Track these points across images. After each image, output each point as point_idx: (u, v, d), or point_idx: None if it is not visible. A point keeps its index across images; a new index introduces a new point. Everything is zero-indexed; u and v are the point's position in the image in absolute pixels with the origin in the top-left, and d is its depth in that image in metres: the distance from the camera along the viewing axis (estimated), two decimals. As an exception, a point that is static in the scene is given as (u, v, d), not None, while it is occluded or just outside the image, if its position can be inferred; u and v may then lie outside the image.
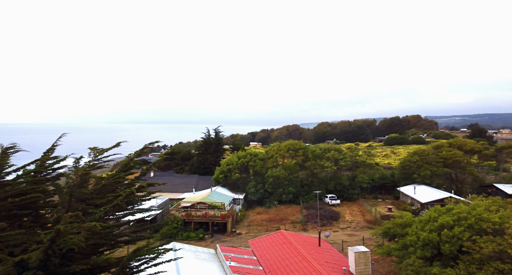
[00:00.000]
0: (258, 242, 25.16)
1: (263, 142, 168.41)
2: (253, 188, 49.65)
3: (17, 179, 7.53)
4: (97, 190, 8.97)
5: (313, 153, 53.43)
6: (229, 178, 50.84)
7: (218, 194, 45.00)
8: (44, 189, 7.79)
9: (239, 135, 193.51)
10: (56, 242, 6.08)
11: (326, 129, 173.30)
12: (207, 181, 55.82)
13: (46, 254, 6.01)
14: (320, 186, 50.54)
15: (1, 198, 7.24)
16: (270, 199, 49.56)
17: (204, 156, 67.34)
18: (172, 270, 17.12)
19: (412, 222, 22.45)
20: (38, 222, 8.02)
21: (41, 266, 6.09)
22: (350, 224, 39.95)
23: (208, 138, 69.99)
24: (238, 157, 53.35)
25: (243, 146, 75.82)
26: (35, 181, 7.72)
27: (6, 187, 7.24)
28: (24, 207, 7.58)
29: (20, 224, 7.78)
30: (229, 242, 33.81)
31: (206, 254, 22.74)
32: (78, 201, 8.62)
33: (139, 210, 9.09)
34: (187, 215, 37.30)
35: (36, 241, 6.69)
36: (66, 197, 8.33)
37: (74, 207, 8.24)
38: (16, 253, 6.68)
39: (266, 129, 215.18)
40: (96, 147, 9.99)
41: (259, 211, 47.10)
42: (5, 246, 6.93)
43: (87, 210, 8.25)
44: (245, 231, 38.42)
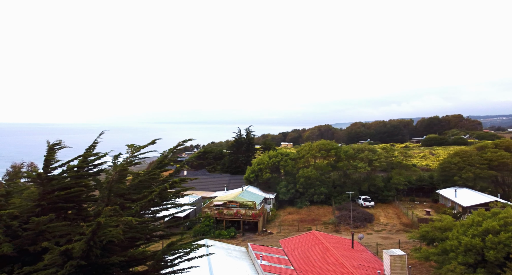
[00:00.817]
0: (289, 241, 25.00)
1: (294, 142, 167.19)
2: (284, 187, 49.42)
3: (62, 174, 8.02)
4: (134, 185, 9.34)
5: (345, 153, 52.21)
6: (260, 178, 50.99)
7: (249, 193, 45.30)
8: (86, 183, 8.24)
9: (270, 136, 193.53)
10: (97, 234, 6.37)
11: (359, 129, 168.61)
12: (238, 180, 56.40)
13: (88, 245, 6.31)
14: (353, 187, 49.27)
15: (49, 191, 7.73)
16: (301, 199, 49.08)
17: (236, 155, 68.09)
18: (205, 265, 17.47)
19: (453, 226, 21.24)
20: (81, 214, 8.48)
21: (84, 256, 6.40)
22: (385, 227, 38.59)
23: (239, 137, 70.69)
24: (269, 156, 53.35)
25: (274, 146, 75.75)
26: (78, 176, 8.18)
27: (53, 181, 7.72)
28: (69, 200, 8.04)
29: (65, 216, 8.25)
30: (260, 241, 33.92)
31: (238, 252, 22.96)
32: (116, 195, 9.03)
33: (173, 206, 9.34)
34: (219, 213, 37.91)
35: (79, 232, 7.06)
36: (106, 192, 8.75)
37: (113, 202, 8.63)
38: (61, 243, 7.08)
39: (298, 130, 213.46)
40: (133, 144, 10.41)
41: (290, 211, 46.82)
42: (52, 236, 7.38)
43: (124, 204, 8.61)
44: (276, 230, 38.35)
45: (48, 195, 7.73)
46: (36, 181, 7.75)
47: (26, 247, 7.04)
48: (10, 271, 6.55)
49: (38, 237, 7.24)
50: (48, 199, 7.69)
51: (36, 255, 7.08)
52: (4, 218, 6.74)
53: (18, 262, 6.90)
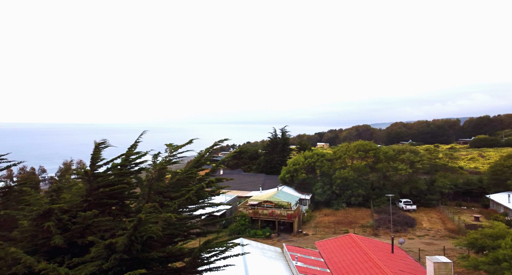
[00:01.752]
0: (325, 244, 24.51)
1: (331, 143, 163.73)
2: (320, 188, 48.58)
3: (106, 171, 8.47)
4: (172, 183, 9.64)
5: (385, 154, 50.21)
6: (296, 178, 50.54)
7: (285, 193, 45.06)
8: (128, 181, 8.62)
9: (306, 136, 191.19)
10: (138, 230, 6.62)
11: (400, 129, 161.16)
12: (273, 180, 56.32)
13: (130, 240, 6.57)
14: (393, 189, 47.23)
15: (95, 188, 8.19)
16: (338, 200, 47.94)
17: (271, 155, 68.09)
18: (240, 264, 17.63)
19: (506, 234, 19.63)
20: (123, 210, 8.89)
21: (126, 250, 6.67)
22: (428, 232, 36.56)
23: (274, 137, 70.61)
24: (305, 157, 52.73)
25: (309, 146, 74.76)
26: (121, 173, 8.59)
27: (98, 178, 8.18)
28: (112, 197, 8.47)
29: (109, 212, 8.69)
30: (295, 242, 33.61)
31: (273, 252, 22.92)
32: (156, 193, 9.37)
33: (209, 204, 9.51)
34: (254, 213, 38.11)
35: (122, 227, 7.39)
36: (146, 189, 9.12)
37: (153, 199, 8.97)
38: (106, 237, 7.43)
39: (334, 130, 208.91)
40: (172, 144, 10.75)
41: (326, 212, 45.93)
42: (98, 230, 7.79)
43: (163, 202, 8.90)
44: (312, 232, 37.80)
45: (94, 191, 8.20)
46: (84, 177, 8.26)
47: (75, 239, 7.51)
48: (61, 262, 7.01)
49: (85, 230, 7.70)
50: (94, 195, 8.15)
51: (84, 247, 7.53)
52: (56, 211, 7.24)
53: (68, 253, 7.37)
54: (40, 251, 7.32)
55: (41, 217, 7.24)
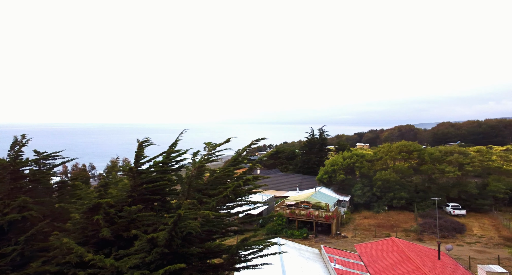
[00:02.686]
0: (365, 247, 23.70)
1: (371, 143, 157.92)
2: (360, 190, 47.08)
3: (149, 168, 8.85)
4: (211, 181, 9.85)
5: (431, 156, 47.45)
6: (334, 179, 49.44)
7: (322, 194, 44.27)
8: (169, 178, 8.95)
9: (345, 136, 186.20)
10: (178, 225, 6.83)
11: (447, 130, 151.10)
12: (310, 181, 55.58)
13: (170, 235, 6.79)
14: (439, 193, 44.46)
15: (138, 184, 8.60)
16: (379, 203, 46.14)
17: (308, 155, 67.23)
18: (277, 263, 17.58)
19: None
20: (165, 206, 9.24)
21: (167, 245, 6.90)
22: (480, 239, 33.98)
23: (312, 137, 69.64)
24: (343, 157, 51.41)
25: (348, 147, 72.74)
26: (162, 170, 8.94)
27: (142, 175, 8.57)
28: (155, 193, 8.83)
29: (152, 207, 9.07)
30: (333, 244, 32.88)
31: (310, 253, 22.60)
32: (195, 190, 9.63)
33: (246, 203, 9.58)
34: (291, 213, 37.86)
35: (163, 223, 7.67)
36: (186, 186, 9.40)
37: (192, 196, 9.22)
38: (149, 231, 7.74)
39: (375, 130, 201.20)
40: (210, 143, 10.99)
41: (366, 215, 44.42)
42: (141, 224, 8.16)
43: (202, 199, 9.12)
44: (351, 234, 36.75)
45: (138, 187, 8.61)
46: (129, 174, 8.70)
47: (121, 233, 7.93)
48: (108, 253, 7.43)
49: (130, 224, 8.10)
50: (138, 191, 8.55)
51: (129, 240, 7.93)
52: (104, 206, 7.70)
53: (114, 245, 7.80)
54: (90, 243, 7.82)
55: (90, 211, 7.73)
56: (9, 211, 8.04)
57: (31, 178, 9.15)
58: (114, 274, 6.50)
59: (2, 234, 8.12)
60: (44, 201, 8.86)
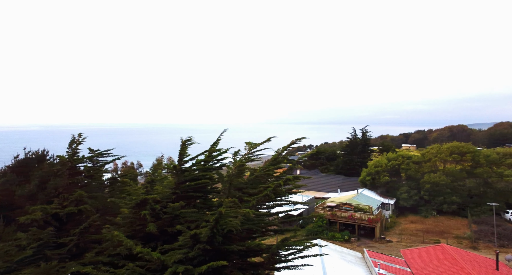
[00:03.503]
0: (412, 252, 22.47)
1: (418, 144, 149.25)
2: (406, 193, 44.76)
3: (192, 167, 9.13)
4: (251, 180, 9.93)
5: (487, 158, 43.78)
6: (377, 181, 47.50)
7: (365, 196, 42.74)
8: (211, 176, 9.16)
9: (389, 137, 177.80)
10: (219, 223, 6.95)
11: (507, 130, 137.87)
12: (352, 182, 53.92)
13: (212, 232, 6.94)
14: (497, 198, 40.83)
15: (182, 181, 8.90)
16: (427, 207, 43.52)
17: (350, 156, 65.29)
18: (318, 265, 17.27)
19: None
20: (206, 204, 9.47)
21: (209, 241, 7.06)
22: (546, 251, 30.69)
23: (354, 138, 67.56)
24: (388, 159, 49.21)
25: (393, 148, 69.47)
26: (204, 169, 9.18)
27: (185, 173, 8.86)
28: (197, 190, 9.09)
29: (194, 204, 9.34)
30: (377, 248, 31.59)
31: (352, 257, 21.92)
32: (235, 189, 9.76)
33: (286, 203, 9.52)
34: (332, 215, 37.02)
35: (205, 220, 7.86)
36: (227, 185, 9.55)
37: (233, 194, 9.35)
38: (191, 227, 7.97)
39: (422, 131, 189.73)
40: (251, 142, 11.08)
41: (412, 219, 42.12)
42: (184, 221, 8.44)
43: (242, 197, 9.22)
44: (396, 239, 35.05)
45: (181, 185, 8.92)
46: (173, 172, 9.04)
47: (165, 228, 8.26)
48: (154, 247, 7.78)
49: (173, 220, 8.41)
50: (181, 188, 8.86)
51: (173, 235, 8.24)
52: (150, 201, 8.08)
53: (159, 240, 8.15)
54: (137, 236, 8.24)
55: (138, 206, 8.15)
56: (68, 204, 8.74)
57: (86, 174, 9.86)
58: (160, 267, 6.79)
59: (61, 225, 8.84)
60: (97, 196, 9.50)
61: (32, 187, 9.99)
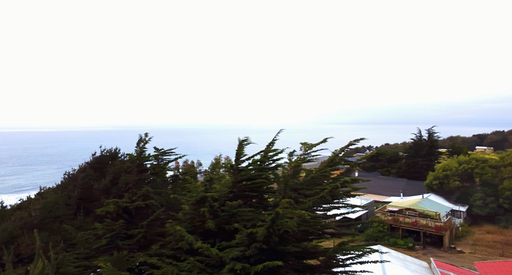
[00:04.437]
0: (489, 266, 20.19)
1: (496, 147, 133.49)
2: (480, 200, 40.39)
3: (248, 166, 9.30)
4: (307, 181, 9.79)
5: None
6: (446, 186, 43.58)
7: (431, 202, 39.52)
8: (266, 176, 9.24)
9: (460, 138, 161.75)
10: (276, 223, 6.97)
11: None
12: (416, 186, 50.22)
13: (268, 232, 6.98)
14: None
15: (238, 181, 9.11)
16: (507, 217, 38.80)
17: (414, 158, 60.88)
18: (378, 272, 16.40)
19: None
20: (262, 204, 9.57)
21: (265, 241, 7.11)
22: None
23: (419, 139, 62.89)
24: (459, 162, 44.87)
25: (465, 150, 63.14)
26: (260, 168, 9.28)
27: (241, 172, 9.06)
28: (253, 190, 9.23)
29: (250, 204, 9.49)
30: (446, 258, 29.00)
31: (417, 266, 20.40)
32: (291, 189, 9.71)
33: (344, 205, 9.21)
34: (394, 220, 34.90)
35: (261, 219, 7.94)
36: (282, 185, 9.55)
37: (288, 195, 9.32)
38: (248, 226, 8.11)
39: (501, 131, 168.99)
40: (306, 143, 10.93)
41: (489, 229, 37.87)
42: (241, 219, 8.62)
43: (298, 198, 9.13)
44: (469, 250, 31.80)
45: (238, 184, 9.13)
46: (230, 171, 9.31)
47: (223, 225, 8.53)
48: (212, 243, 8.07)
49: (231, 218, 8.65)
50: (238, 187, 9.07)
51: (230, 233, 8.47)
52: (209, 199, 8.41)
53: (217, 237, 8.44)
54: (197, 232, 8.63)
55: (198, 203, 8.53)
56: (136, 199, 9.49)
57: (151, 171, 10.62)
58: (218, 263, 7.03)
59: (130, 217, 9.64)
60: (161, 192, 10.17)
61: (106, 182, 11.06)
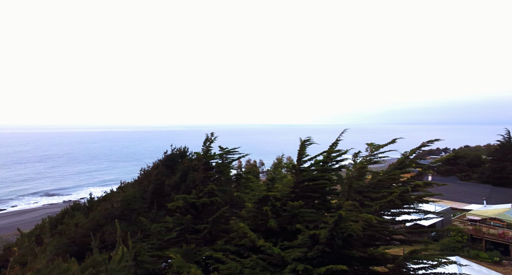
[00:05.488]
0: None
1: None
2: None
3: (310, 167, 9.16)
4: (373, 184, 9.30)
5: None
6: (543, 194, 37.71)
7: (523, 212, 34.48)
8: (329, 177, 9.00)
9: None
10: (339, 225, 6.76)
11: None
12: (503, 194, 44.31)
13: (331, 234, 6.80)
14: None
15: (300, 181, 9.03)
16: None
17: (501, 162, 53.76)
18: (455, 287, 14.83)
19: None
20: (325, 205, 9.35)
21: (328, 244, 6.94)
22: None
23: (508, 141, 55.42)
24: (560, 166, 38.49)
25: None
26: (323, 169, 9.08)
27: (303, 172, 8.97)
28: (315, 191, 9.07)
29: (312, 205, 9.34)
30: (542, 279, 25.08)
31: (504, 285, 17.98)
32: (355, 192, 9.32)
33: (415, 211, 8.54)
34: (475, 230, 31.27)
35: (323, 221, 7.77)
36: (346, 187, 9.22)
37: (353, 197, 8.96)
38: (310, 227, 8.01)
39: None
40: (373, 143, 10.39)
41: None
42: (303, 220, 8.54)
43: (363, 201, 8.73)
44: None
45: (300, 184, 9.05)
46: (291, 171, 9.27)
47: (285, 225, 8.54)
48: (275, 242, 8.13)
49: (293, 219, 8.61)
50: (300, 188, 8.99)
51: (292, 233, 8.44)
52: (271, 198, 8.50)
53: (279, 236, 8.47)
54: (259, 230, 8.77)
55: (260, 202, 8.68)
56: (202, 195, 10.01)
57: (216, 169, 11.10)
58: (280, 262, 7.06)
59: (197, 213, 10.19)
60: (225, 190, 10.57)
61: (176, 178, 11.88)
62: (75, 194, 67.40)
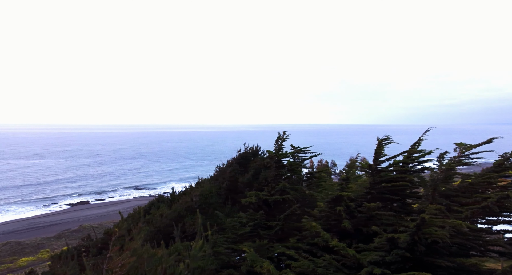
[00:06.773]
0: None
1: None
2: None
3: (388, 167, 8.62)
4: (463, 187, 8.35)
5: None
6: None
7: None
8: (410, 179, 8.34)
9: None
10: (422, 230, 6.26)
11: None
12: None
13: (412, 239, 6.34)
14: None
15: (377, 182, 8.56)
16: None
17: None
18: None
19: None
20: (405, 209, 8.70)
21: (408, 249, 6.48)
22: None
23: None
24: None
25: None
26: (402, 170, 8.45)
27: (381, 173, 8.48)
28: (394, 193, 8.50)
29: (391, 207, 8.78)
30: None
31: None
32: (441, 196, 8.48)
33: (518, 221, 7.43)
34: None
35: (403, 225, 7.26)
36: (430, 190, 8.45)
37: (438, 201, 8.17)
38: (388, 231, 7.56)
39: None
40: (463, 143, 9.35)
41: None
42: (380, 223, 8.09)
43: (451, 206, 7.90)
44: None
45: (376, 185, 8.58)
46: (367, 171, 8.84)
47: (360, 227, 8.18)
48: (349, 244, 7.86)
49: (368, 221, 8.20)
50: (377, 189, 8.52)
51: (368, 236, 8.05)
52: (345, 198, 8.23)
53: (354, 238, 8.16)
54: (332, 231, 8.56)
55: (333, 201, 8.46)
56: (274, 193, 10.16)
57: (288, 168, 11.15)
58: (355, 265, 6.79)
59: (269, 210, 10.38)
60: (297, 188, 10.55)
61: (249, 176, 12.27)
62: (159, 189, 74.66)
